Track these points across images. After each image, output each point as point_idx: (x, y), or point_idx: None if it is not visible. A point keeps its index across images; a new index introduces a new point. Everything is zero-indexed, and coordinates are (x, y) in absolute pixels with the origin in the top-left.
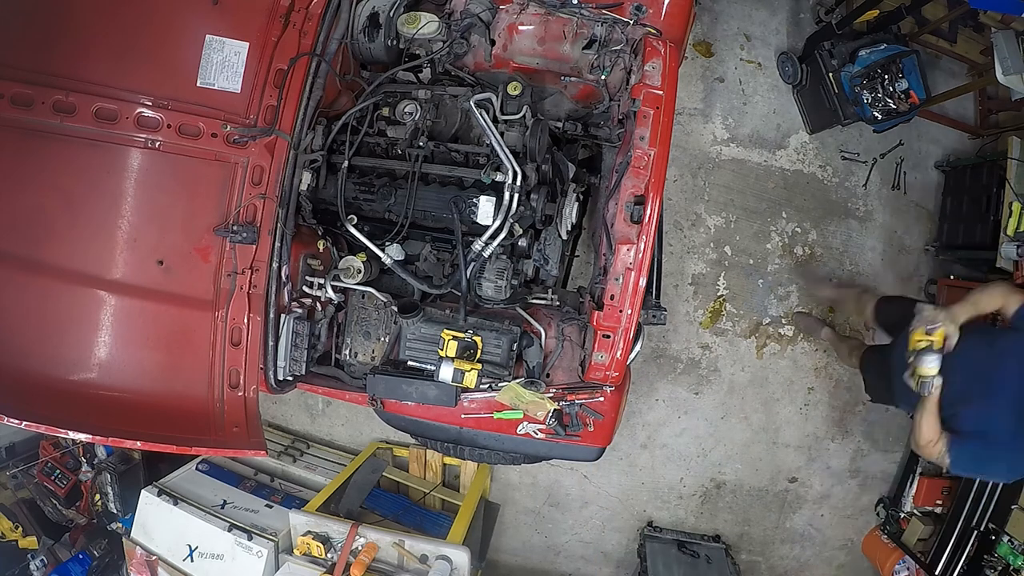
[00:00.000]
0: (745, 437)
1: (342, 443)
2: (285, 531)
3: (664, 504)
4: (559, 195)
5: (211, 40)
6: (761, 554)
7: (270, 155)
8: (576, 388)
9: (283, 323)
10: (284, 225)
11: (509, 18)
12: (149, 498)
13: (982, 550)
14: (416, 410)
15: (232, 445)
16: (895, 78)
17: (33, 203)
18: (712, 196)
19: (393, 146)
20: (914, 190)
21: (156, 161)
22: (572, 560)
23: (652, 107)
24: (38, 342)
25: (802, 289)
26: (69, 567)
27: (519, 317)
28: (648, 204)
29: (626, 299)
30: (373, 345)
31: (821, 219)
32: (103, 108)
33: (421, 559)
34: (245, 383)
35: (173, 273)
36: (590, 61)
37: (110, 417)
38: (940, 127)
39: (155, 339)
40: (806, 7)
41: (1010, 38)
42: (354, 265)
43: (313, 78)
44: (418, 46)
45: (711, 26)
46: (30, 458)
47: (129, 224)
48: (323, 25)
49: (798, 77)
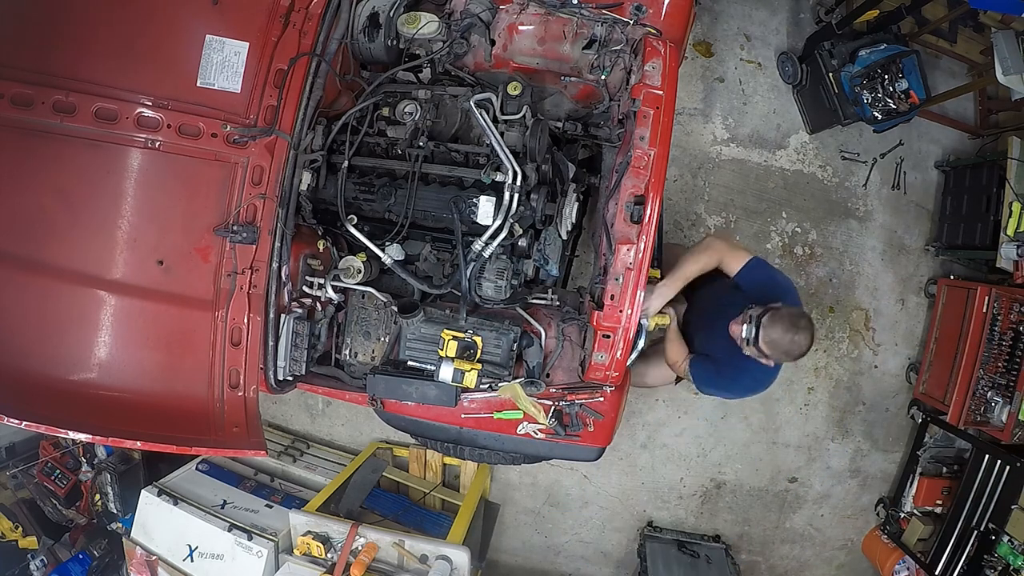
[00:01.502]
0: (745, 437)
1: (342, 443)
2: (285, 531)
3: (664, 504)
4: (559, 195)
5: (211, 40)
6: (761, 554)
7: (270, 155)
8: (576, 388)
9: (283, 323)
10: (284, 225)
11: (509, 18)
12: (149, 498)
13: (982, 550)
14: (416, 410)
15: (232, 445)
16: (895, 78)
17: (33, 203)
18: (712, 196)
19: (393, 146)
20: (914, 190)
21: (156, 161)
22: (572, 560)
23: (652, 107)
24: (38, 342)
25: (802, 289)
26: (69, 567)
27: (519, 317)
28: (648, 204)
29: (626, 299)
30: (373, 345)
31: (821, 219)
32: (103, 108)
33: (421, 559)
34: (245, 383)
35: (173, 273)
36: (590, 61)
37: (110, 417)
38: (940, 127)
39: (155, 339)
40: (806, 7)
41: (1010, 38)
42: (354, 265)
43: (313, 78)
44: (418, 46)
45: (711, 26)
46: (30, 458)
47: (129, 224)
48: (323, 25)
49: (798, 77)
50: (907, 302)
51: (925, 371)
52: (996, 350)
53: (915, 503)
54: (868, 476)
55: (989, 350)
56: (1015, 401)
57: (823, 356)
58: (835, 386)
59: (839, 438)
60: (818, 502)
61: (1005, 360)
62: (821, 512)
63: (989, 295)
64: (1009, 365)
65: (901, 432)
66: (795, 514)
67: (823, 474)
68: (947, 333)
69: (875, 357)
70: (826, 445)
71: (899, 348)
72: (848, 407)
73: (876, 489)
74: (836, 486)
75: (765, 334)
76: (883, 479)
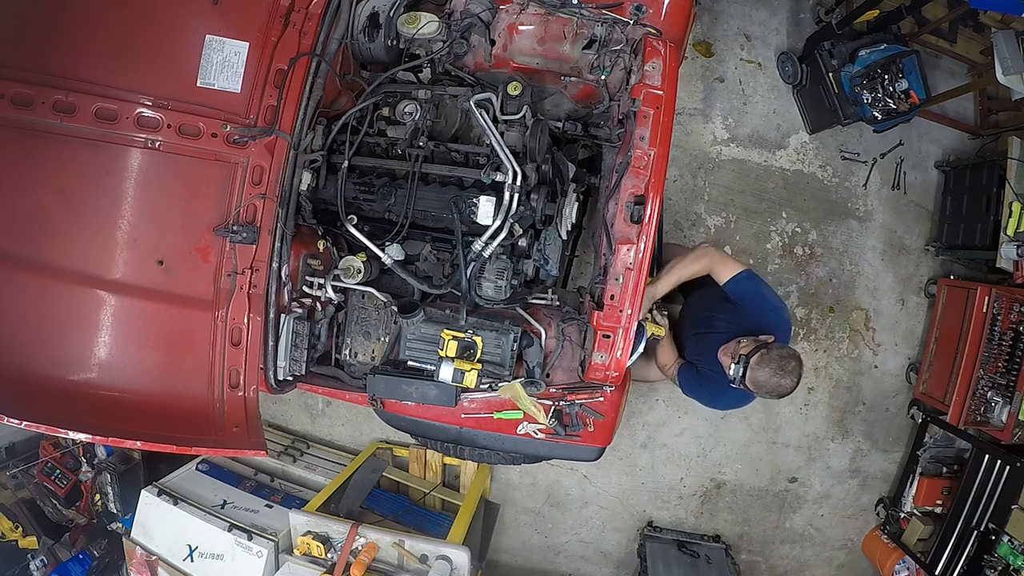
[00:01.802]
0: (745, 437)
1: (342, 443)
2: (285, 531)
3: (664, 504)
4: (559, 195)
5: (211, 40)
6: (761, 554)
7: (270, 155)
8: (576, 388)
9: (283, 323)
10: (284, 225)
11: (509, 18)
12: (149, 498)
13: (982, 550)
14: (416, 410)
15: (232, 445)
16: (895, 78)
17: (33, 203)
18: (712, 196)
19: (393, 146)
20: (914, 190)
21: (156, 161)
22: (572, 560)
23: (652, 107)
24: (38, 342)
25: (802, 289)
26: (69, 567)
27: (519, 317)
28: (648, 204)
29: (626, 299)
30: (373, 345)
31: (821, 219)
32: (103, 108)
33: (421, 559)
34: (245, 383)
35: (173, 273)
36: (590, 61)
37: (110, 417)
38: (940, 127)
39: (155, 339)
40: (806, 7)
41: (1010, 38)
42: (354, 265)
43: (313, 78)
44: (418, 46)
45: (711, 26)
46: (30, 458)
47: (129, 224)
48: (323, 25)
49: (798, 77)
50: (907, 302)
51: (925, 371)
52: (996, 350)
53: (915, 503)
54: (868, 476)
55: (989, 350)
56: (1015, 401)
57: (823, 356)
58: (835, 386)
59: (839, 438)
60: (818, 502)
61: (1005, 360)
62: (821, 512)
63: (989, 295)
64: (1009, 365)
65: (901, 432)
66: (795, 514)
67: (823, 474)
68: (947, 333)
69: (875, 357)
70: (826, 445)
71: (899, 348)
72: (848, 407)
73: (876, 489)
74: (836, 486)
75: (752, 375)
76: (883, 479)
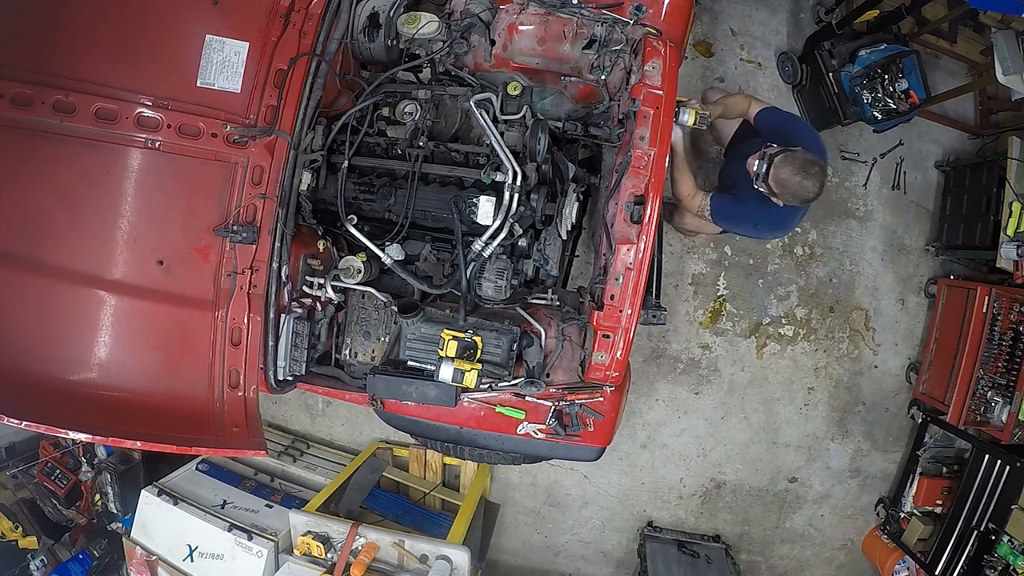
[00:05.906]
0: (745, 437)
1: (342, 443)
2: (285, 531)
3: (664, 504)
4: (559, 195)
5: (211, 40)
6: (761, 554)
7: (270, 155)
8: (576, 388)
9: (283, 323)
10: (284, 225)
11: (509, 18)
12: (149, 498)
13: (982, 550)
14: (416, 410)
15: (232, 445)
16: (895, 78)
17: (33, 203)
18: None
19: (393, 146)
20: (914, 190)
21: (156, 161)
22: (572, 560)
23: (652, 107)
24: (38, 342)
25: (802, 289)
26: (69, 567)
27: (519, 317)
28: (648, 204)
29: (626, 299)
30: (373, 345)
31: (821, 219)
32: (103, 108)
33: (421, 559)
34: (245, 383)
35: (173, 273)
36: (590, 61)
37: (110, 417)
38: (940, 127)
39: (155, 339)
40: (806, 7)
41: (1010, 38)
42: (354, 265)
43: (313, 78)
44: (418, 46)
45: (711, 26)
46: (30, 458)
47: (129, 224)
48: (323, 25)
49: (798, 77)
50: (907, 302)
51: (925, 371)
52: (996, 350)
53: (915, 503)
54: (868, 476)
55: (989, 350)
56: (1015, 401)
57: (823, 356)
58: (835, 386)
59: (839, 438)
60: (818, 502)
61: (1005, 360)
62: (821, 512)
63: (989, 295)
64: (1009, 365)
65: (901, 432)
66: (795, 514)
67: (823, 474)
68: (947, 333)
69: (875, 357)
70: (826, 445)
71: (899, 348)
72: (848, 407)
73: (876, 489)
74: (836, 486)
75: (775, 172)
76: (883, 479)
